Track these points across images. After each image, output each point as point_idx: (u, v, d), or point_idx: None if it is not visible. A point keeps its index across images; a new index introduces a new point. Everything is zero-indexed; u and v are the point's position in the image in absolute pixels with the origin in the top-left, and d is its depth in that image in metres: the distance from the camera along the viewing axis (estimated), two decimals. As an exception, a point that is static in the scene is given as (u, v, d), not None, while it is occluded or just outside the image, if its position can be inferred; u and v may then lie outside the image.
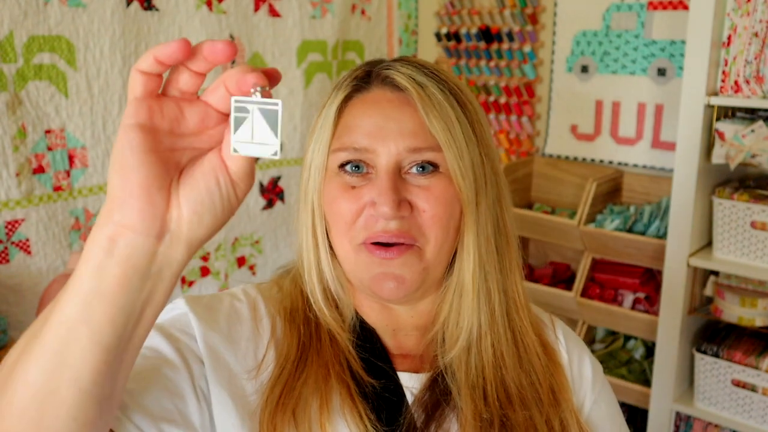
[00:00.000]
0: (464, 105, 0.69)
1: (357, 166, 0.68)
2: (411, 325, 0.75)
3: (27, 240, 1.51)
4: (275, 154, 0.45)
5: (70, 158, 1.57)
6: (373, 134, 0.67)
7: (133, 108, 0.45)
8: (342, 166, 0.68)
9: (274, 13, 1.94)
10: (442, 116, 0.66)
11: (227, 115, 0.48)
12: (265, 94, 0.45)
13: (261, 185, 2.00)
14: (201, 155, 0.49)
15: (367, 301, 0.75)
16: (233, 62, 1.71)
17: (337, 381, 0.69)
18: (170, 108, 0.47)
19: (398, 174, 0.67)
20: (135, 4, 1.62)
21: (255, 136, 0.45)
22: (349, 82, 0.71)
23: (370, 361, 0.72)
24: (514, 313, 0.74)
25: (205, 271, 1.88)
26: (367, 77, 0.70)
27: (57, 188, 1.55)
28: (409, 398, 0.72)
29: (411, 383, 0.73)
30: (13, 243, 1.49)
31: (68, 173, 1.57)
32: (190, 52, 0.45)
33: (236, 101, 0.45)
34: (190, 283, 1.85)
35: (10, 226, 1.48)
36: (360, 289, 0.73)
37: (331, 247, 0.72)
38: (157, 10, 1.67)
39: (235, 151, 0.46)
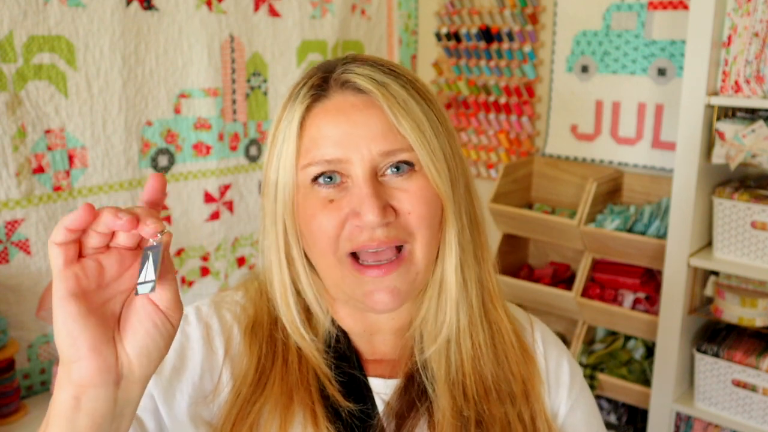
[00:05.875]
0: (426, 97, 0.68)
1: (330, 177, 0.65)
2: (389, 328, 0.74)
3: (27, 240, 1.51)
4: (152, 289, 0.50)
5: (70, 158, 1.57)
6: (342, 143, 0.64)
7: (60, 280, 0.49)
8: (315, 179, 0.65)
9: (274, 13, 1.94)
10: (410, 114, 0.65)
11: (138, 251, 0.53)
12: (166, 236, 0.50)
13: (261, 185, 2.00)
14: (129, 296, 0.53)
15: (344, 308, 0.73)
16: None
17: (300, 406, 0.68)
18: (90, 266, 0.50)
19: (376, 179, 0.64)
20: (135, 4, 1.62)
21: (146, 276, 0.50)
22: (306, 91, 0.67)
23: (344, 375, 0.71)
24: (489, 303, 0.74)
25: (205, 271, 1.88)
26: (324, 84, 0.67)
27: (57, 188, 1.55)
28: (380, 405, 0.71)
29: (383, 389, 0.72)
30: (13, 243, 1.49)
31: (68, 173, 1.57)
32: (95, 215, 0.49)
33: (145, 249, 0.51)
34: (190, 283, 1.85)
35: (9, 226, 1.48)
36: (345, 302, 0.71)
37: (308, 261, 0.70)
38: (156, 9, 1.67)
39: (136, 293, 0.50)
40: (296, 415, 0.67)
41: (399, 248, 0.66)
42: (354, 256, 0.66)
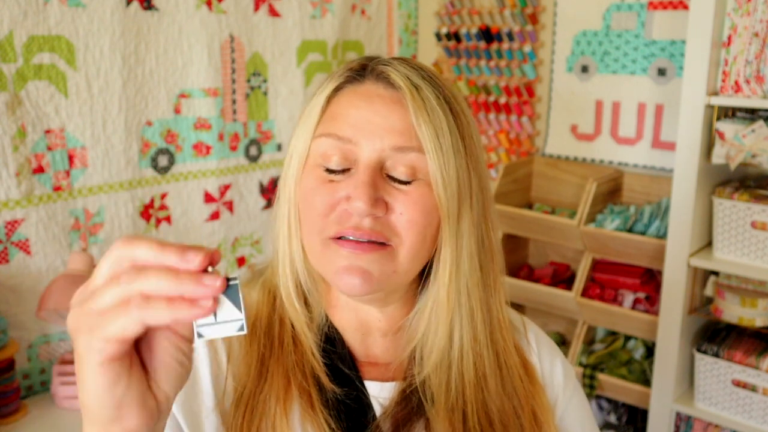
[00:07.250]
0: (457, 115, 0.67)
1: (337, 168, 0.65)
2: (379, 329, 0.73)
3: (27, 240, 1.51)
4: (241, 329, 0.43)
5: (70, 158, 1.57)
6: (358, 126, 0.64)
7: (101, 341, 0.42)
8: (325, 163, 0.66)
9: (274, 13, 1.94)
10: (433, 121, 0.64)
11: None
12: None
13: (261, 185, 2.00)
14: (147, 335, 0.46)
15: (336, 302, 0.73)
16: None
17: (298, 390, 0.67)
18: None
19: (379, 172, 0.64)
20: (135, 4, 1.62)
21: (218, 316, 0.43)
22: (342, 72, 0.69)
23: (335, 366, 0.70)
24: (497, 333, 0.72)
25: (205, 271, 1.88)
26: (362, 70, 0.68)
27: (57, 188, 1.55)
28: (377, 409, 0.70)
29: (379, 393, 0.71)
30: (13, 243, 1.49)
31: (68, 173, 1.57)
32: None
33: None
34: (190, 283, 1.85)
35: (10, 226, 1.48)
36: (339, 300, 0.72)
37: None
38: (156, 9, 1.67)
39: (200, 336, 0.43)
40: (294, 399, 0.67)
41: (384, 244, 0.64)
42: (337, 240, 0.65)
